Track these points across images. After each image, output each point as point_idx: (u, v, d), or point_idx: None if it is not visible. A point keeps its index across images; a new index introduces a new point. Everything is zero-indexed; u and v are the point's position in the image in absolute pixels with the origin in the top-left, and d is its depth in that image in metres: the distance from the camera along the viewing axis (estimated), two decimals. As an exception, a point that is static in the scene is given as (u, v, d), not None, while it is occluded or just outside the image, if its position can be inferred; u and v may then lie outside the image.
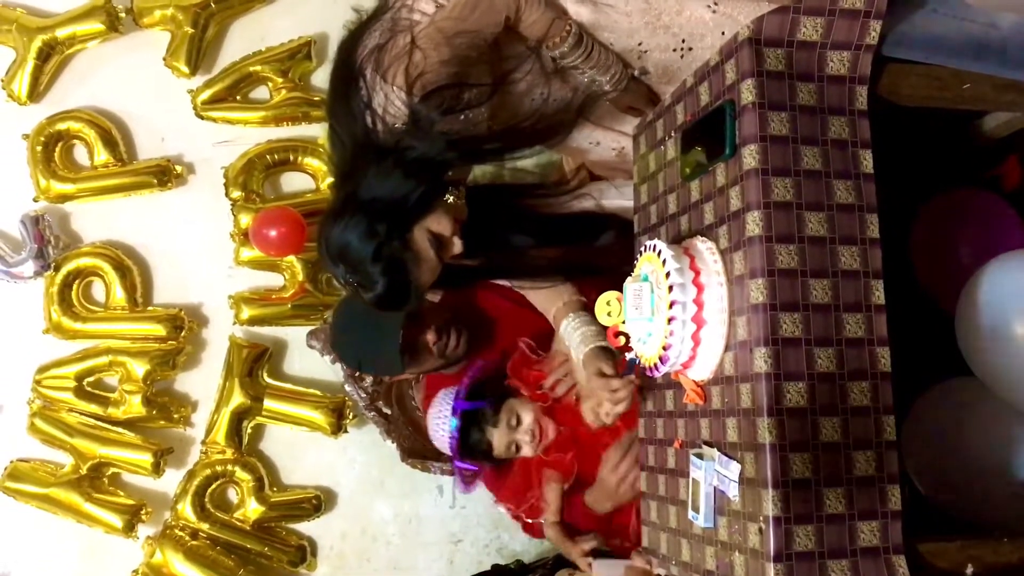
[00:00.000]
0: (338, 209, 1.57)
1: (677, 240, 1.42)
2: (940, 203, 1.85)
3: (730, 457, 1.25)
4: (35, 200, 2.39)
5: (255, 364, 2.39)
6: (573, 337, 1.74)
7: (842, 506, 1.18)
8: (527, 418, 1.82)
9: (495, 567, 2.27)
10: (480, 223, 1.71)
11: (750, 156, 1.23)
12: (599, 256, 1.87)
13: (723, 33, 1.62)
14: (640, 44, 1.66)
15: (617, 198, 1.84)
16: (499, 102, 1.68)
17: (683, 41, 1.65)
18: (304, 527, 2.43)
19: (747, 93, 1.24)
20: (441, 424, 1.86)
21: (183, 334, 2.37)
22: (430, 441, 2.31)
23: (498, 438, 1.82)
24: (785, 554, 1.14)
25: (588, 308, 1.72)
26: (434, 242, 1.58)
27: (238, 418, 2.36)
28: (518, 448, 1.83)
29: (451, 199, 1.61)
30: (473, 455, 1.86)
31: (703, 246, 1.33)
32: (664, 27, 1.64)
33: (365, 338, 1.84)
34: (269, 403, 2.38)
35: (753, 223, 1.22)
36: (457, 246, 1.61)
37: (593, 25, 1.64)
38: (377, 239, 1.52)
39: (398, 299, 1.59)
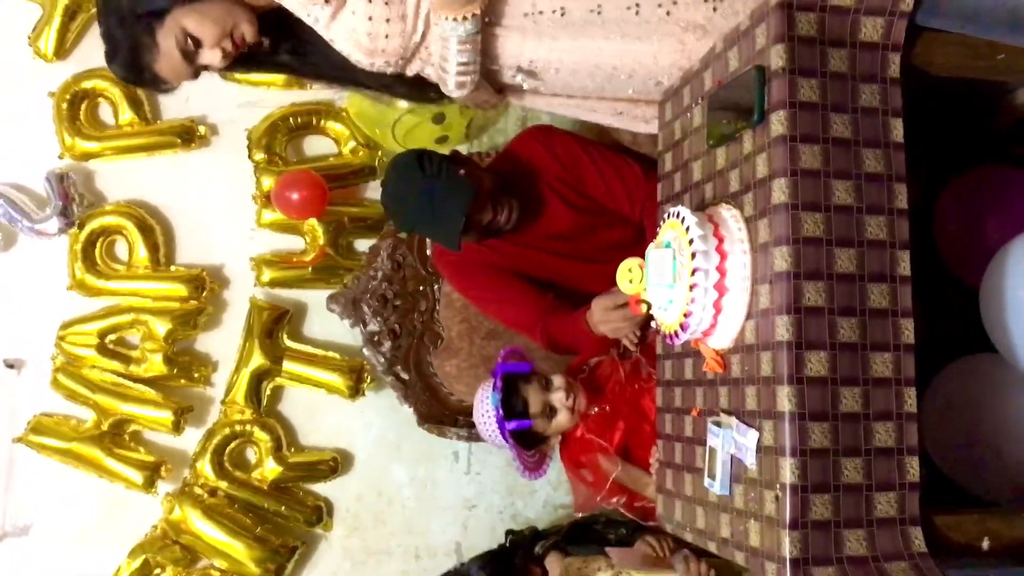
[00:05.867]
0: None
1: (701, 208, 1.41)
2: (968, 178, 1.81)
3: (748, 425, 1.25)
4: (60, 158, 2.41)
5: (275, 326, 2.41)
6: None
7: (860, 476, 1.17)
8: (557, 380, 1.85)
9: (509, 533, 2.28)
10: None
11: (778, 123, 1.21)
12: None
13: None
14: None
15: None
16: None
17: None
18: (321, 488, 2.46)
19: (777, 58, 1.22)
20: (485, 402, 1.86)
21: (204, 294, 2.39)
22: (446, 407, 2.33)
23: (532, 396, 1.84)
24: (801, 522, 1.14)
25: None
26: (184, 42, 1.53)
27: (257, 379, 2.38)
28: (552, 411, 1.84)
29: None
30: (515, 415, 1.84)
31: (727, 213, 1.31)
32: None
33: (428, 210, 1.84)
34: (288, 365, 2.40)
35: (779, 190, 1.20)
36: (214, 60, 1.56)
37: None
38: None
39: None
